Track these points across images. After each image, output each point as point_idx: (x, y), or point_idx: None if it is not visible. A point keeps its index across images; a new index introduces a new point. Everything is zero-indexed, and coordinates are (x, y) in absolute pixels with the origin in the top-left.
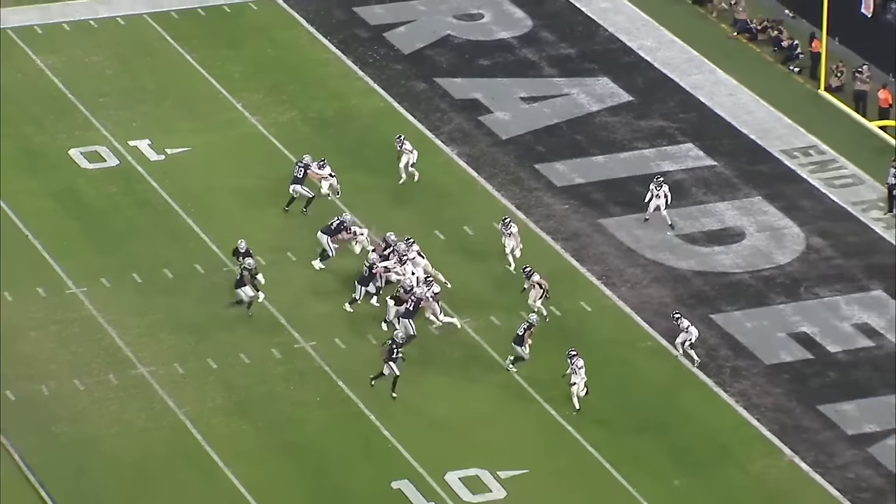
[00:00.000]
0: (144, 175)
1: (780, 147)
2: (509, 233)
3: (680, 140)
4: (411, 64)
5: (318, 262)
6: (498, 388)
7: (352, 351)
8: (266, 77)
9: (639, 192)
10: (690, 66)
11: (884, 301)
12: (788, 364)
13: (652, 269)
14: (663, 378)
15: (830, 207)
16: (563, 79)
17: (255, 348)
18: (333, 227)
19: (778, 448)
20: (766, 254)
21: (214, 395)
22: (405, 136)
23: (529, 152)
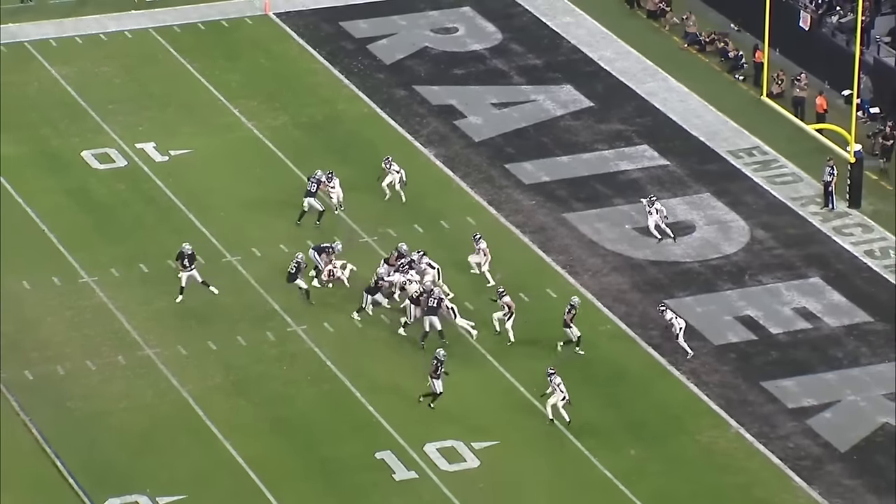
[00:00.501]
0: (150, 175)
1: (727, 148)
2: (478, 249)
3: (636, 142)
4: (392, 73)
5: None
6: (471, 367)
7: (339, 334)
8: (261, 85)
9: (599, 190)
10: (645, 74)
11: (820, 287)
12: (734, 344)
13: (611, 258)
14: (621, 358)
15: (772, 203)
16: (530, 86)
17: (251, 332)
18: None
19: (725, 420)
20: (714, 245)
21: (214, 374)
22: (392, 157)
23: (500, 153)
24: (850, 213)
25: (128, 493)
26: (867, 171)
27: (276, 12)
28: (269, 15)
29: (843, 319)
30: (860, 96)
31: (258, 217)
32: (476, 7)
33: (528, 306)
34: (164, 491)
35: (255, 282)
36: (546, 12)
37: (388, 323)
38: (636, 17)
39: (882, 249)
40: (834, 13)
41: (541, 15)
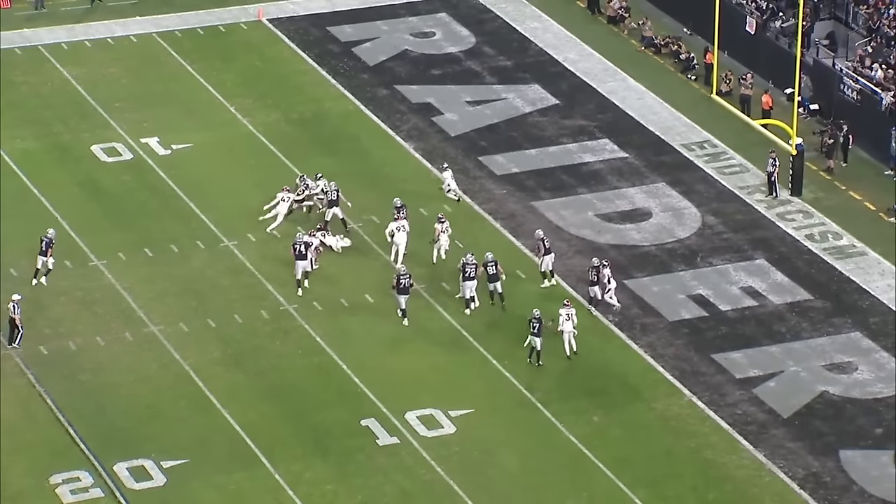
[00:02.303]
0: (154, 167)
1: (681, 142)
2: (443, 229)
3: (598, 136)
4: (375, 74)
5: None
6: (447, 343)
7: (327, 312)
8: (255, 85)
9: (564, 180)
10: (606, 74)
11: (765, 268)
12: (687, 321)
13: (575, 242)
14: (584, 332)
15: (721, 191)
16: (501, 86)
17: (246, 310)
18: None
19: (679, 389)
20: (668, 230)
21: (213, 349)
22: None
23: (474, 146)
24: (792, 200)
25: (135, 458)
26: (808, 162)
27: (268, 18)
28: (263, 21)
29: (786, 297)
30: (801, 94)
31: (252, 206)
32: (451, 13)
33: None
34: (167, 455)
35: (249, 264)
36: (515, 18)
37: (371, 302)
38: (597, 22)
39: (821, 234)
40: (777, 18)
41: (510, 20)
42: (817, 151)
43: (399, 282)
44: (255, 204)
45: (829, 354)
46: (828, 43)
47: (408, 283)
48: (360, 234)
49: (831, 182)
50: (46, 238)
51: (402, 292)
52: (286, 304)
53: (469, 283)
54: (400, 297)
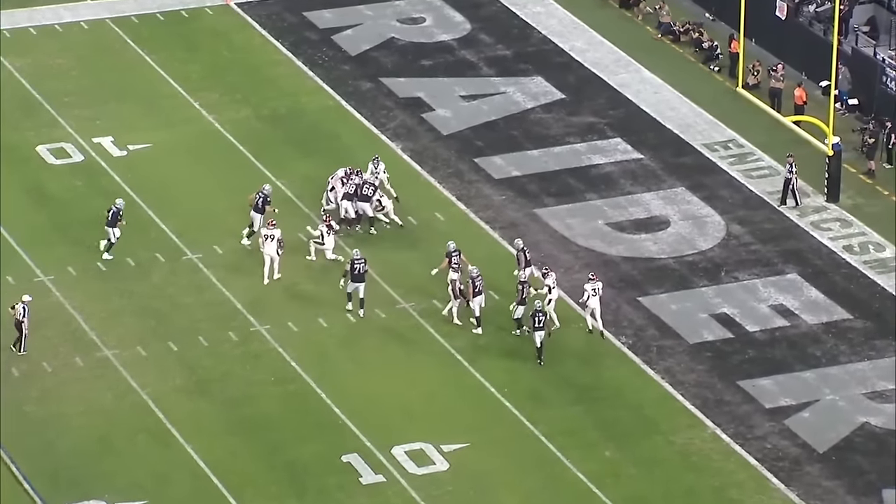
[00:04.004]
0: (108, 170)
1: (702, 141)
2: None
3: (609, 135)
4: (358, 65)
5: (246, 239)
6: (439, 366)
7: (303, 334)
8: (222, 77)
9: (571, 184)
10: (618, 65)
11: (798, 284)
12: (710, 343)
13: (583, 255)
14: (594, 356)
15: (748, 197)
16: (499, 78)
17: (213, 331)
18: (260, 205)
19: (701, 421)
20: (689, 240)
21: (175, 375)
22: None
23: (469, 147)
24: (828, 207)
25: (85, 499)
26: (846, 164)
27: (237, 2)
28: (231, 5)
29: (822, 316)
30: (838, 87)
31: (219, 213)
32: None
33: (498, 305)
34: (123, 496)
35: (216, 280)
36: (516, 1)
37: (353, 322)
38: (608, 6)
39: (861, 244)
40: (811, 2)
41: (510, 4)
42: (856, 152)
43: (353, 267)
44: (221, 211)
45: (870, 381)
46: (868, 29)
47: (363, 268)
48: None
49: (872, 186)
50: (115, 208)
51: (357, 279)
52: (257, 325)
53: (477, 300)
54: (355, 285)
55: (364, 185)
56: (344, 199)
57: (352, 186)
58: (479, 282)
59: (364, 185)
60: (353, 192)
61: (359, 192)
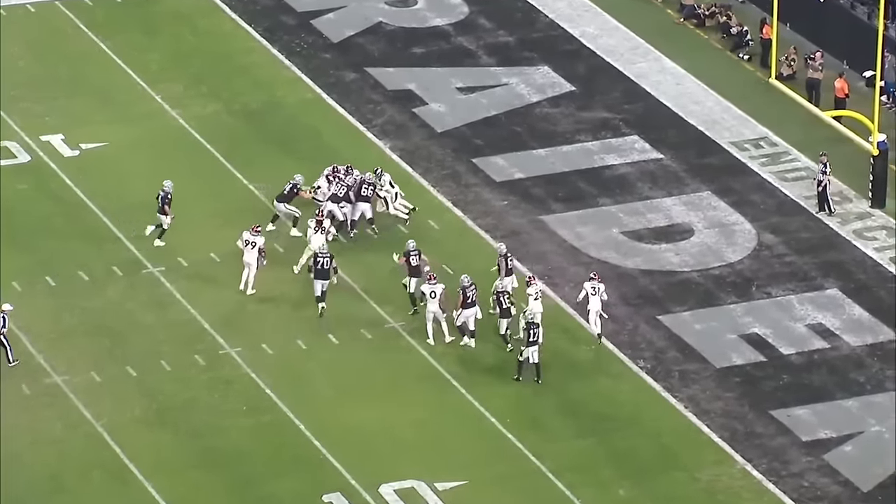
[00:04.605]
0: (57, 171)
1: (730, 139)
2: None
3: (624, 132)
4: (341, 52)
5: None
6: (433, 392)
7: (279, 357)
8: (186, 67)
9: (582, 188)
10: (635, 53)
11: (839, 300)
12: (739, 367)
13: (596, 267)
14: (608, 382)
15: (783, 202)
16: (501, 68)
17: (176, 355)
18: (287, 193)
19: (729, 455)
20: (715, 251)
21: (133, 404)
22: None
23: (466, 146)
24: (872, 213)
25: None
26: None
27: None
28: None
29: (866, 337)
30: (884, 78)
31: (184, 221)
32: None
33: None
34: None
35: (180, 296)
36: None
37: (335, 343)
38: None
39: None
40: None
41: None
42: None
43: (317, 261)
44: (186, 218)
45: None
46: None
47: (328, 263)
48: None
49: None
50: (162, 192)
51: (321, 276)
52: (227, 347)
53: (468, 312)
54: (318, 282)
55: (363, 184)
56: (329, 201)
57: (342, 188)
58: (470, 292)
59: (363, 185)
60: (345, 195)
61: (358, 193)
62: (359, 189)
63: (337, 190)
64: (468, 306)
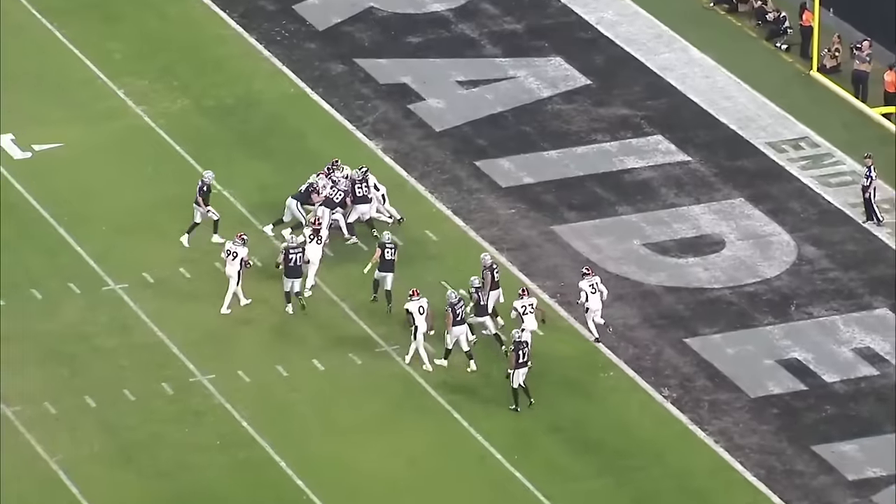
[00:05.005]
0: (7, 176)
1: (766, 139)
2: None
3: (647, 131)
4: (327, 42)
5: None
6: (432, 425)
7: (258, 385)
8: (152, 58)
9: (599, 195)
10: (659, 43)
11: (889, 321)
12: (777, 397)
13: (615, 284)
14: (629, 414)
15: (826, 210)
16: (507, 59)
17: (141, 383)
18: (303, 192)
19: (766, 496)
20: (749, 266)
21: (93, 439)
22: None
23: (468, 147)
24: None
25: None
26: None
27: None
28: None
29: None
30: None
31: (150, 232)
32: None
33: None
34: None
35: (146, 316)
36: None
37: (321, 370)
38: None
39: None
40: None
41: None
42: None
43: (288, 258)
44: (153, 229)
45: None
46: None
47: (300, 259)
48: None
49: None
50: (200, 182)
51: (292, 274)
52: (198, 375)
53: (458, 330)
54: (289, 280)
55: (357, 183)
56: (324, 206)
57: (337, 193)
58: (459, 309)
59: (357, 185)
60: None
61: (354, 195)
62: (354, 190)
63: (332, 193)
64: (458, 324)
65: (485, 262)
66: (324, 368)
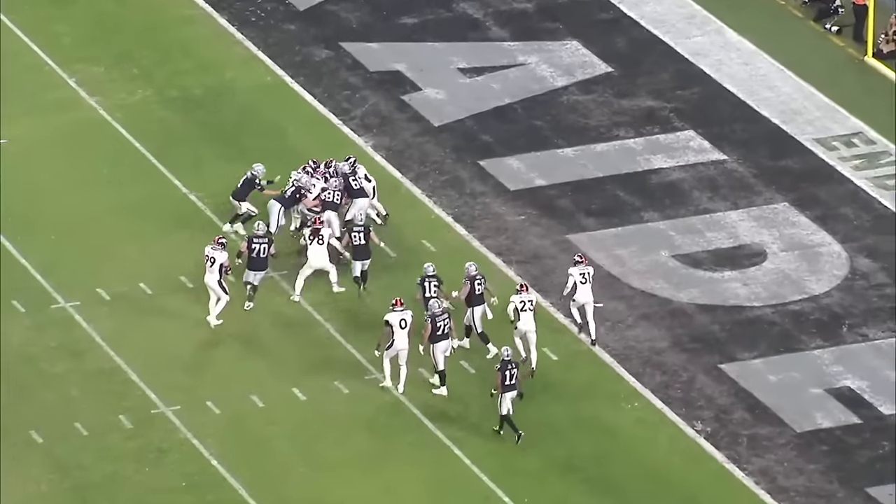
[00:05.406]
0: None
1: (814, 134)
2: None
3: (676, 126)
4: (309, 23)
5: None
6: (428, 463)
7: (230, 418)
8: (109, 42)
9: (621, 198)
10: (690, 24)
11: None
12: (827, 431)
13: (640, 301)
14: (656, 452)
15: (881, 216)
16: (517, 43)
17: (95, 415)
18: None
19: None
20: (795, 281)
21: (39, 478)
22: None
23: (472, 144)
24: None
25: None
26: None
27: None
28: None
29: None
30: None
31: (106, 241)
32: None
33: None
34: None
35: (101, 339)
36: None
37: (303, 400)
38: None
39: None
40: None
41: None
42: None
43: (251, 246)
44: (109, 238)
45: None
46: None
47: (264, 250)
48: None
49: None
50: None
51: (255, 267)
52: (161, 406)
53: (440, 346)
54: (252, 273)
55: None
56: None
57: (335, 193)
58: (442, 321)
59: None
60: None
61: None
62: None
63: (324, 193)
64: (439, 339)
65: (468, 272)
66: (305, 398)
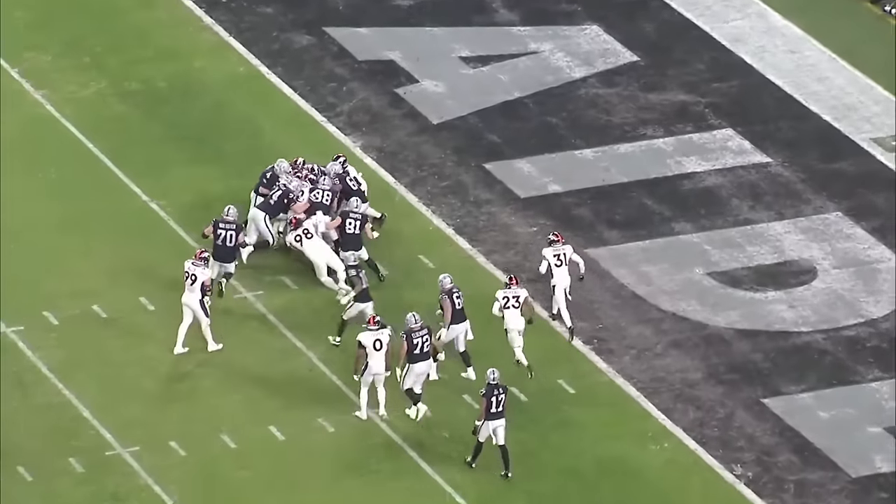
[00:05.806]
0: None
1: (871, 133)
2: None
3: (712, 123)
4: (289, 6)
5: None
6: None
7: (196, 459)
8: (58, 27)
9: (649, 207)
10: (728, 6)
11: None
12: (886, 476)
13: (670, 326)
14: (688, 499)
15: None
16: (527, 28)
17: (43, 457)
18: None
19: None
20: (849, 302)
21: None
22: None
23: (476, 144)
24: None
25: None
26: None
27: None
28: None
29: None
30: None
31: (55, 254)
32: None
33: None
34: None
35: (48, 370)
36: None
37: (281, 440)
38: None
39: None
40: None
41: None
42: None
43: (217, 232)
44: (58, 254)
45: None
46: None
47: (231, 238)
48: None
49: None
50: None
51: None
52: (117, 447)
53: (418, 368)
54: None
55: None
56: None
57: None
58: (419, 338)
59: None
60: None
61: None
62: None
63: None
64: (417, 359)
65: (443, 286)
66: (284, 437)
